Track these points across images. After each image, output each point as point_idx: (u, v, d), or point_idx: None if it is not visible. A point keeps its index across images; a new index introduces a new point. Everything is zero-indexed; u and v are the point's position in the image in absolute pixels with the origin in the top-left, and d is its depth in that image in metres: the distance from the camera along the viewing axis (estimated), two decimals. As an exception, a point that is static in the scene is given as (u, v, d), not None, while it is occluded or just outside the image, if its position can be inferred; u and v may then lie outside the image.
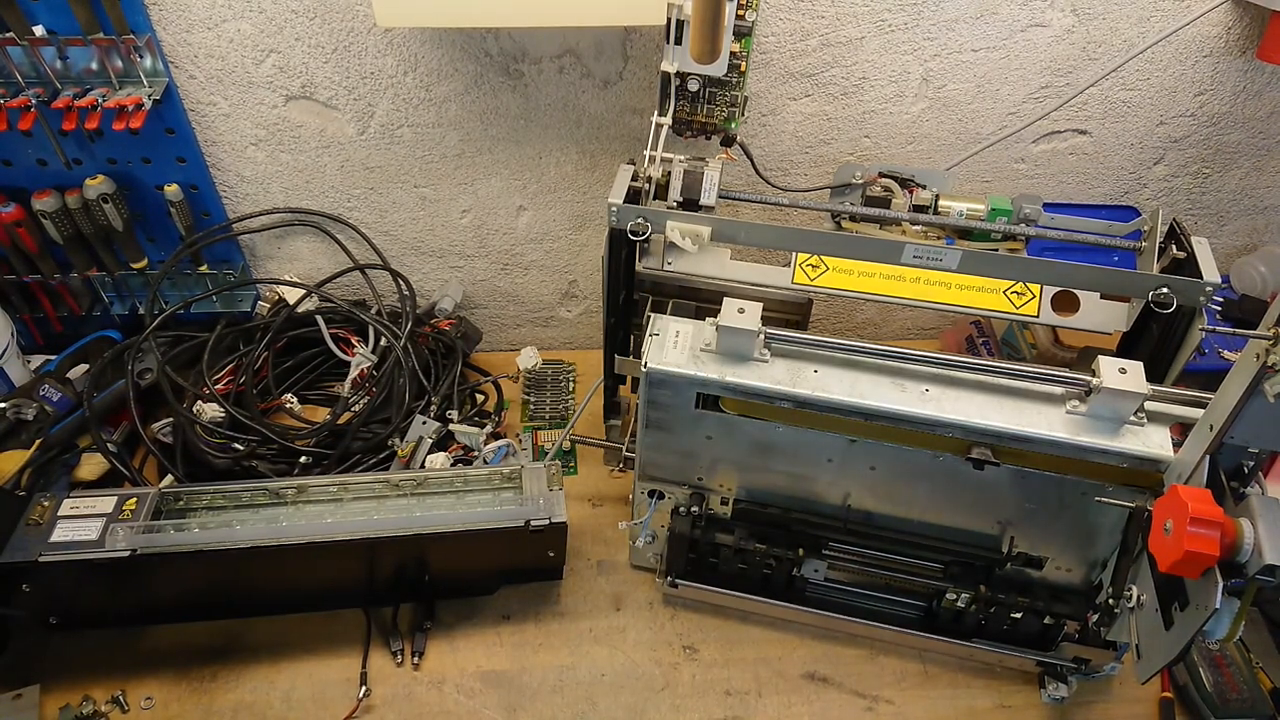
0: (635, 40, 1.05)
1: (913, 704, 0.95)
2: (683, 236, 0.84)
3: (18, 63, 0.98)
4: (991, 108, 1.13)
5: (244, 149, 1.12)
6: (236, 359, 1.19)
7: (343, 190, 1.18)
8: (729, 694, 0.95)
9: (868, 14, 1.04)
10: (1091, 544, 0.85)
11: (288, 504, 0.92)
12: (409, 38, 1.03)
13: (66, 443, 1.09)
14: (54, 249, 1.13)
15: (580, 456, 1.19)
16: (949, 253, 0.82)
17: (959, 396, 0.79)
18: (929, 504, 0.87)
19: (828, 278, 0.90)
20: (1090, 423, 0.76)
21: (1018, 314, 0.89)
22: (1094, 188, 1.23)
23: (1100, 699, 0.96)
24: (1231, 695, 0.93)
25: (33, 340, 1.23)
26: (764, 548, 0.92)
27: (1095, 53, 1.08)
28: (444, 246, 1.25)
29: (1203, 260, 0.80)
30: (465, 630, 0.99)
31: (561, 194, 1.19)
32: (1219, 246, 1.31)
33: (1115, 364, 0.75)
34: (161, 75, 1.03)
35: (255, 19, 1.01)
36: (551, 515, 0.92)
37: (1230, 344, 0.66)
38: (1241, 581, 0.61)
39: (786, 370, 0.80)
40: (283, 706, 0.91)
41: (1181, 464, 0.71)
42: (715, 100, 0.92)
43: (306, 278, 1.24)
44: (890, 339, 1.34)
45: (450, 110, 1.10)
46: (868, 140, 1.15)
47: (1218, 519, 0.61)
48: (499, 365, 1.29)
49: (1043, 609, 0.89)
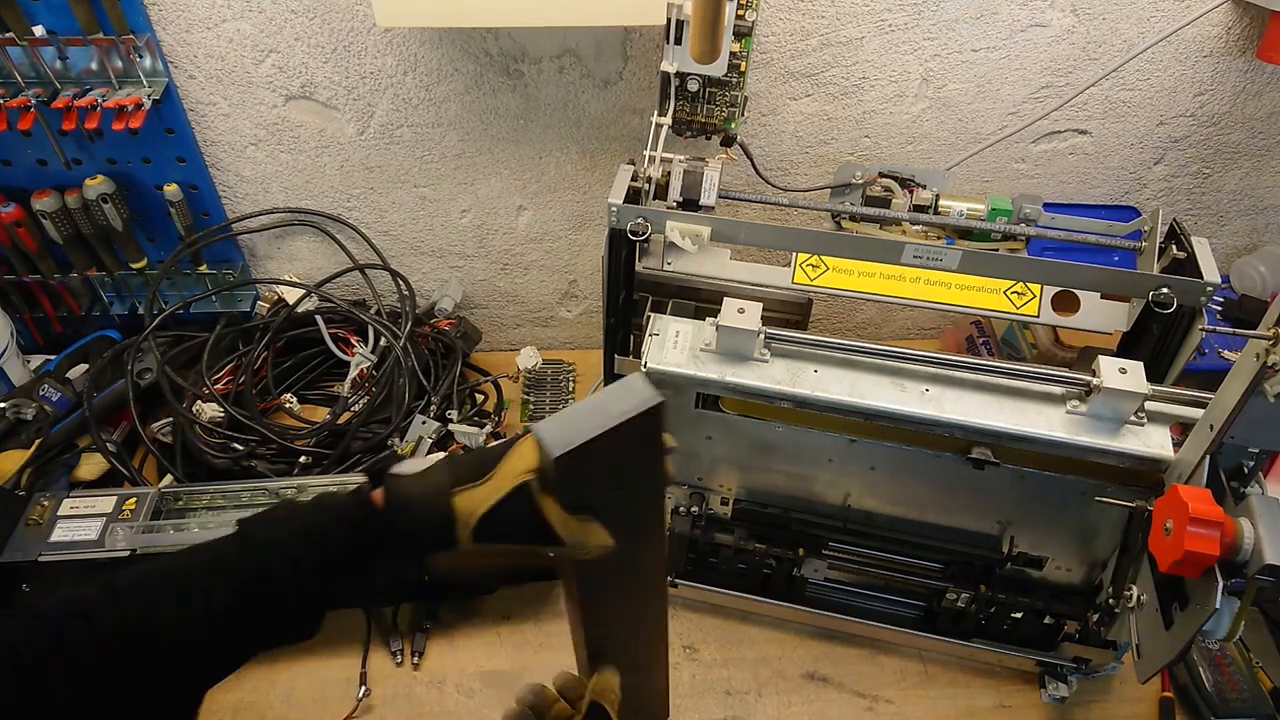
0: (635, 40, 1.05)
1: (913, 704, 0.95)
2: (683, 236, 0.84)
3: (18, 63, 0.98)
4: (991, 108, 1.13)
5: (244, 149, 1.12)
6: (236, 359, 1.19)
7: (342, 190, 1.18)
8: (729, 694, 0.95)
9: (868, 14, 1.04)
10: (1091, 544, 0.85)
11: (288, 504, 0.92)
12: (409, 38, 1.03)
13: (66, 443, 1.09)
14: (54, 249, 1.13)
15: (580, 456, 1.19)
16: (949, 253, 0.82)
17: (959, 396, 0.79)
18: (929, 504, 0.87)
19: (828, 278, 0.90)
20: (1090, 423, 0.76)
21: (1018, 314, 0.89)
22: (1094, 188, 1.23)
23: (1100, 699, 0.96)
24: (1231, 695, 0.93)
25: (33, 340, 1.23)
26: (764, 548, 0.92)
27: (1095, 53, 1.08)
28: (444, 246, 1.25)
29: (1203, 260, 0.80)
30: (465, 630, 0.98)
31: (561, 194, 1.19)
32: (1219, 246, 1.31)
33: (1115, 364, 0.75)
34: (161, 75, 1.03)
35: (255, 19, 1.01)
36: (551, 515, 0.91)
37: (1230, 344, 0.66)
38: (1241, 581, 0.61)
39: (786, 370, 0.80)
40: (283, 706, 0.91)
41: (1181, 464, 0.71)
42: (715, 100, 0.92)
43: (306, 278, 1.24)
44: (890, 339, 1.34)
45: (450, 110, 1.10)
46: (868, 140, 1.15)
47: (1218, 519, 0.61)
48: (499, 365, 1.29)
49: (1043, 609, 0.89)
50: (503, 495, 0.53)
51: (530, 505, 0.53)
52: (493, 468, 0.55)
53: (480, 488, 0.54)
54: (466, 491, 0.54)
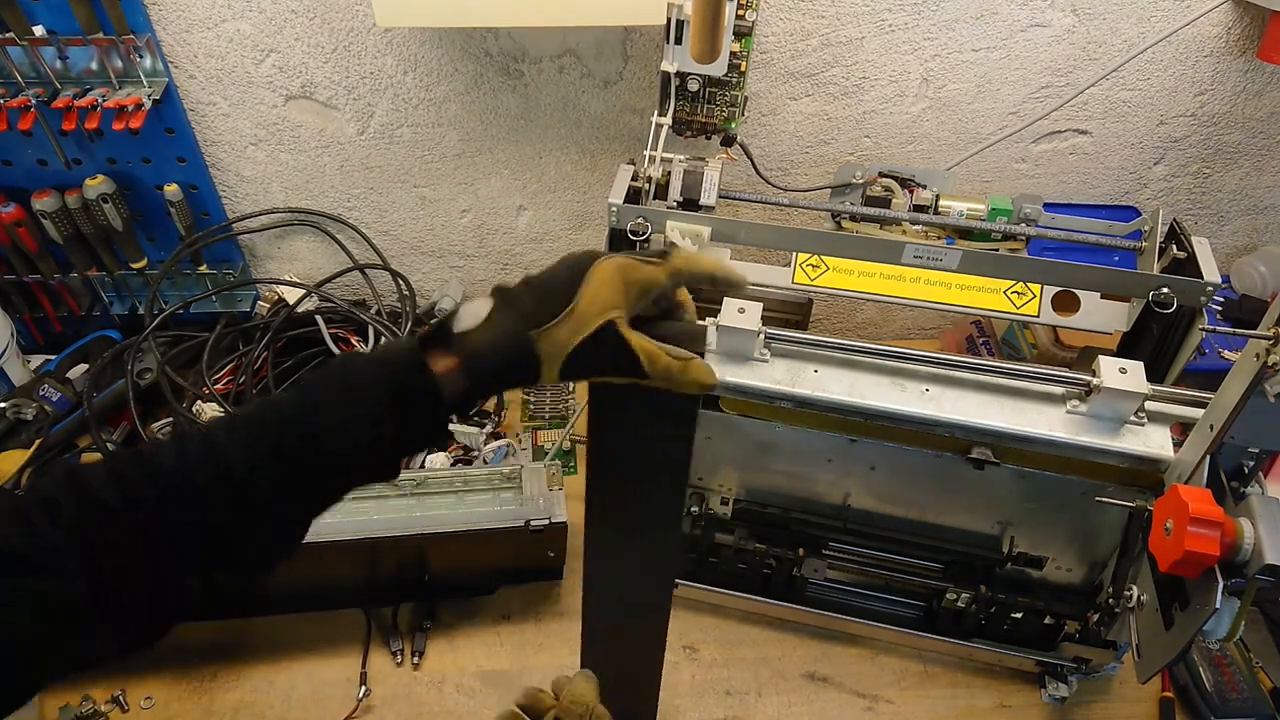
0: (635, 40, 1.05)
1: (913, 704, 0.95)
2: (683, 236, 0.84)
3: (18, 63, 0.98)
4: (992, 108, 1.13)
5: (244, 149, 1.12)
6: (236, 359, 1.19)
7: (342, 190, 1.18)
8: (729, 694, 0.95)
9: (868, 14, 1.04)
10: (1091, 544, 0.85)
11: (288, 504, 0.92)
12: (409, 38, 1.03)
13: (66, 443, 1.09)
14: (54, 249, 1.13)
15: (580, 456, 1.19)
16: (949, 253, 0.82)
17: (959, 396, 0.78)
18: (929, 504, 0.87)
19: (828, 278, 0.90)
20: (1090, 423, 0.76)
21: (1018, 314, 0.89)
22: (1094, 188, 1.23)
23: (1100, 699, 0.96)
24: (1231, 695, 0.93)
25: (33, 340, 1.23)
26: (764, 548, 0.92)
27: (1095, 53, 1.08)
28: (444, 246, 1.25)
29: (1203, 260, 0.80)
30: (465, 630, 0.98)
31: (561, 194, 1.19)
32: (1219, 246, 1.31)
33: (1115, 364, 0.75)
34: (161, 75, 1.03)
35: (255, 19, 1.01)
36: (551, 515, 0.92)
37: (1230, 344, 0.66)
38: (1241, 581, 0.61)
39: (786, 370, 0.80)
40: (283, 706, 0.91)
41: (1181, 464, 0.71)
42: (715, 100, 0.92)
43: (306, 278, 1.24)
44: (890, 339, 1.34)
45: (450, 110, 1.10)
46: (868, 140, 1.15)
47: (1218, 519, 0.61)
48: (499, 365, 1.29)
49: (1043, 609, 0.89)
50: (590, 334, 0.53)
51: (617, 339, 0.53)
52: (563, 299, 0.53)
53: (561, 327, 0.53)
54: (547, 331, 0.52)
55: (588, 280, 0.54)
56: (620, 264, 0.55)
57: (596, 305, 0.53)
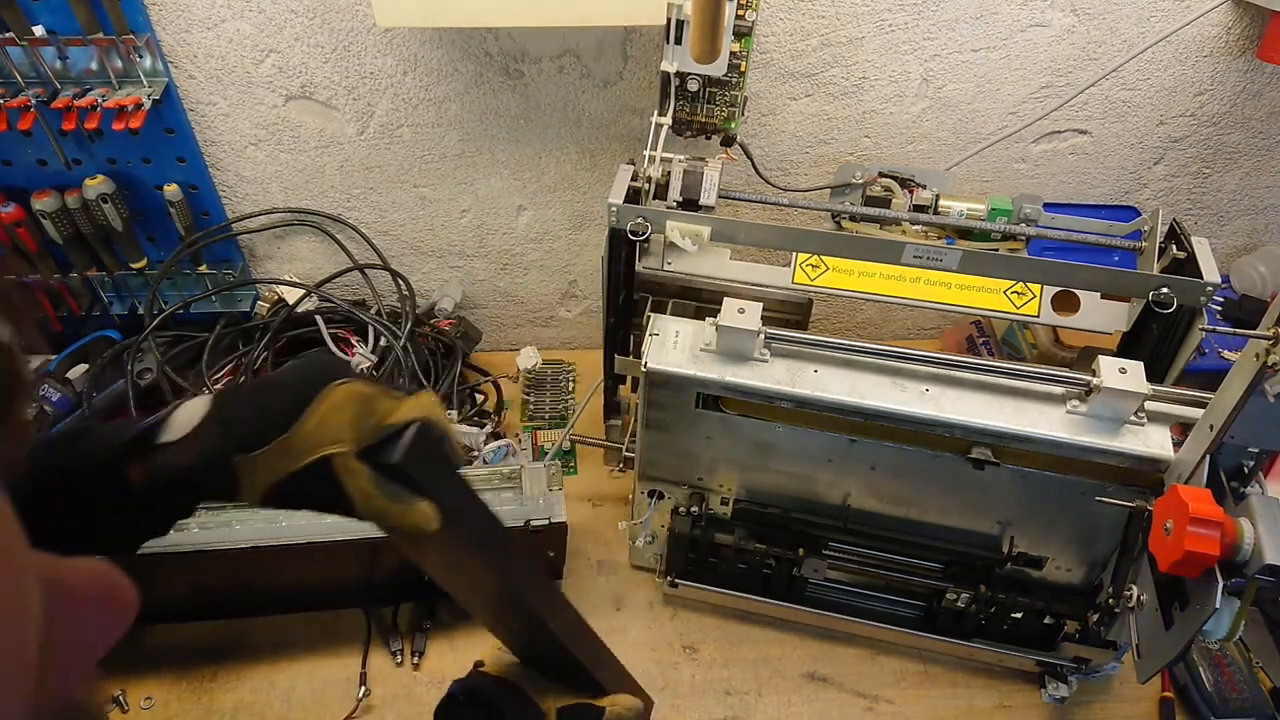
0: (635, 40, 1.05)
1: (913, 704, 0.95)
2: (683, 236, 0.84)
3: (17, 63, 0.98)
4: (991, 108, 1.13)
5: (243, 149, 1.12)
6: (236, 359, 1.19)
7: (342, 190, 1.18)
8: (729, 694, 0.95)
9: (868, 14, 1.04)
10: (1091, 544, 0.85)
11: (287, 504, 0.92)
12: (409, 38, 1.03)
13: (66, 443, 1.09)
14: (54, 249, 1.13)
15: (580, 456, 1.19)
16: (949, 253, 0.82)
17: (959, 396, 0.79)
18: (929, 504, 0.87)
19: (828, 278, 0.90)
20: (1090, 422, 0.76)
21: (1018, 314, 0.89)
22: (1094, 188, 1.23)
23: (1100, 699, 0.96)
24: (1231, 695, 0.93)
25: (32, 340, 1.23)
26: (764, 548, 0.92)
27: (1095, 53, 1.08)
28: (444, 246, 1.25)
29: (1203, 260, 0.80)
30: (465, 630, 0.98)
31: (561, 194, 1.19)
32: (1219, 246, 1.31)
33: (1115, 364, 0.75)
34: (161, 75, 1.03)
35: (255, 19, 1.01)
36: (551, 515, 0.92)
37: (1230, 344, 0.66)
38: (1241, 581, 0.61)
39: (786, 370, 0.80)
40: (283, 706, 0.91)
41: (1181, 464, 0.71)
42: (715, 100, 0.92)
43: (306, 278, 1.24)
44: (890, 339, 1.34)
45: (450, 110, 1.10)
46: (868, 140, 1.15)
47: (1218, 519, 0.61)
48: (499, 365, 1.29)
49: (1043, 609, 0.89)
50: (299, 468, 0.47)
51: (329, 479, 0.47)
52: (280, 423, 0.47)
53: (268, 455, 0.47)
54: (253, 458, 0.47)
55: (315, 405, 0.48)
56: (359, 392, 0.49)
57: (314, 438, 0.47)
